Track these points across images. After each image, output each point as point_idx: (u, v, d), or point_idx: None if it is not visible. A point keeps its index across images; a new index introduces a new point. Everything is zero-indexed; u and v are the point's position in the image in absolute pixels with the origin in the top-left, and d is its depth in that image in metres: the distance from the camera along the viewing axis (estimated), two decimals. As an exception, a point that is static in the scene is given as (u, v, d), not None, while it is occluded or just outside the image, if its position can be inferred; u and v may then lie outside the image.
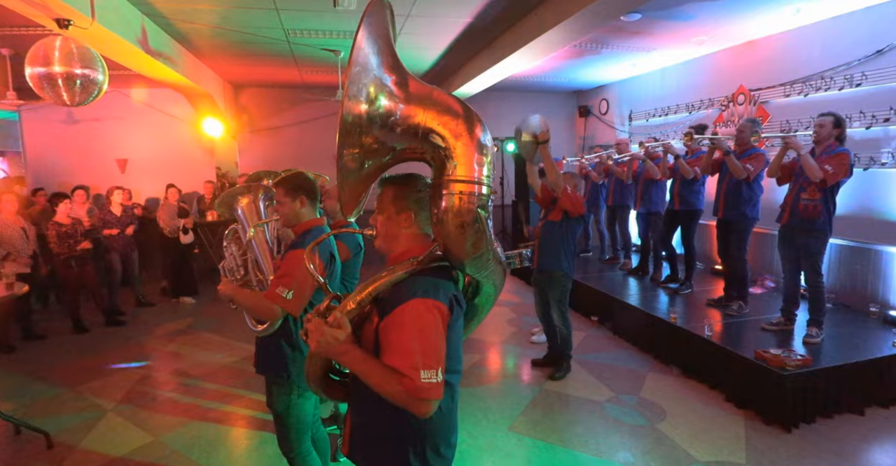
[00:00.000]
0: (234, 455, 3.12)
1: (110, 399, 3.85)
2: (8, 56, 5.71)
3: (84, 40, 3.91)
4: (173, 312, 6.19)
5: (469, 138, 1.23)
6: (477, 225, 1.23)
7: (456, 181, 1.21)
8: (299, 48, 6.17)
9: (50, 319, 5.79)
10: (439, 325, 1.24)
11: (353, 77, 1.11)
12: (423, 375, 1.17)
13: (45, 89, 3.77)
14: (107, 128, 8.15)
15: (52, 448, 3.17)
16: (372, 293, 1.27)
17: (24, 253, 4.89)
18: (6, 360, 4.66)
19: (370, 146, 1.18)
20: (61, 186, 7.31)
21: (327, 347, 1.23)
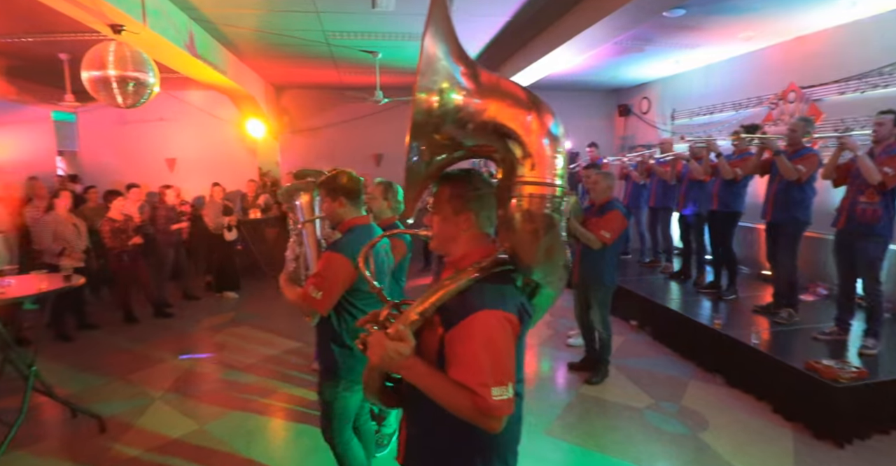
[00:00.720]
0: (272, 445, 3.21)
1: (158, 387, 4.02)
2: (66, 60, 6.02)
3: (136, 45, 4.09)
4: (217, 306, 6.41)
5: (541, 133, 1.13)
6: (551, 231, 1.16)
7: (527, 183, 1.13)
8: (338, 50, 6.27)
9: (103, 310, 6.08)
10: (510, 338, 1.17)
11: (424, 69, 1.04)
12: (494, 392, 1.10)
13: (100, 91, 3.96)
14: (156, 128, 8.50)
15: (105, 431, 3.33)
16: (436, 303, 1.18)
17: (77, 248, 5.14)
18: (63, 348, 4.92)
19: (440, 142, 1.12)
20: (113, 184, 7.65)
21: (390, 362, 1.16)
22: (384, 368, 1.21)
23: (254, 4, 4.67)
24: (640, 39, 5.95)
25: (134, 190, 6.09)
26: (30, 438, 3.24)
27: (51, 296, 3.48)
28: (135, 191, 6.09)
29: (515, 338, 1.19)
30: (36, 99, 7.60)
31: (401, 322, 1.18)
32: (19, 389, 3.24)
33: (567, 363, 4.33)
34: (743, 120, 6.18)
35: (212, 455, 3.05)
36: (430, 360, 1.19)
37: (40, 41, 5.43)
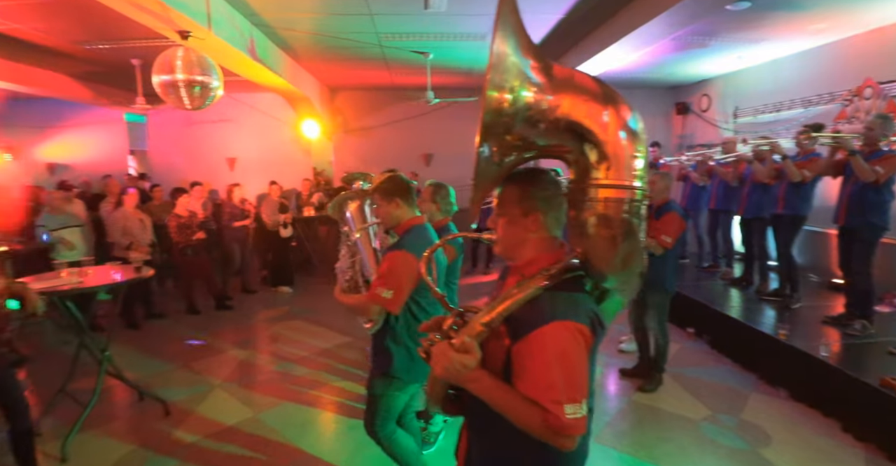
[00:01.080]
0: (322, 437, 3.30)
1: (218, 375, 4.22)
2: (138, 65, 6.40)
3: (202, 50, 4.29)
4: (272, 300, 6.66)
5: (619, 130, 1.05)
6: (630, 237, 1.08)
7: (603, 186, 1.05)
8: (390, 51, 6.36)
9: (168, 301, 6.44)
10: (583, 351, 1.09)
11: (493, 66, 0.98)
12: (567, 410, 1.04)
13: (169, 95, 4.18)
14: (218, 129, 8.91)
15: (169, 415, 3.53)
16: (503, 313, 1.11)
17: (143, 242, 5.47)
18: (132, 335, 5.25)
19: (511, 143, 1.06)
20: (178, 182, 8.08)
21: (455, 374, 1.11)
22: (449, 380, 1.15)
23: (311, 9, 4.81)
24: (701, 34, 5.71)
25: (197, 187, 6.42)
26: (101, 418, 3.48)
27: (123, 287, 3.72)
28: (198, 188, 6.42)
29: (588, 351, 1.11)
30: (110, 101, 8.13)
31: (466, 332, 1.12)
32: (93, 372, 3.48)
33: (619, 369, 4.21)
34: (813, 118, 5.82)
35: (265, 443, 3.17)
36: (495, 372, 1.14)
37: (115, 48, 5.80)
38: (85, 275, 3.46)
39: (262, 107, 8.90)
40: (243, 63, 5.35)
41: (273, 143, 9.04)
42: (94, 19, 4.75)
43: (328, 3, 4.67)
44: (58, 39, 5.43)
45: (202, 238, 5.85)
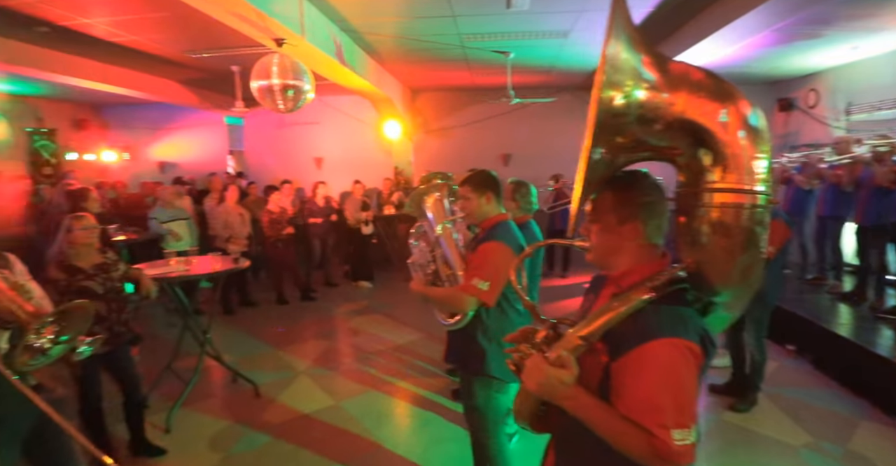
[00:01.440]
0: (399, 429, 3.40)
1: (302, 362, 4.47)
2: (237, 71, 6.90)
3: (295, 56, 4.55)
4: (353, 294, 6.94)
5: (740, 129, 0.96)
6: (751, 249, 0.98)
7: (720, 190, 0.96)
8: (472, 51, 6.40)
9: (259, 291, 6.90)
10: (693, 372, 1.00)
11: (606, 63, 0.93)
12: (675, 436, 0.95)
13: (265, 98, 4.48)
14: (307, 131, 9.41)
15: (259, 397, 3.79)
16: (603, 327, 1.04)
17: (241, 235, 5.90)
18: (227, 320, 5.68)
19: (622, 144, 0.99)
20: (271, 180, 8.60)
21: (550, 389, 1.04)
22: (543, 396, 1.08)
23: (395, 13, 4.95)
24: (810, 24, 5.21)
25: (286, 185, 6.83)
26: (200, 395, 3.81)
27: (222, 276, 4.03)
28: (287, 186, 6.83)
29: (698, 372, 1.02)
30: (213, 105, 8.83)
31: (562, 346, 1.05)
32: (194, 353, 3.81)
33: (708, 384, 3.93)
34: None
35: (344, 431, 3.31)
36: (590, 390, 1.06)
37: (217, 56, 6.29)
38: (190, 264, 3.80)
39: (346, 109, 9.28)
40: (332, 67, 5.60)
41: (357, 144, 9.40)
42: (201, 30, 5.17)
43: (412, 7, 4.78)
44: (169, 49, 5.98)
45: (291, 232, 6.22)
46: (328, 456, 3.03)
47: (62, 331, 1.67)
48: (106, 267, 2.82)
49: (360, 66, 6.24)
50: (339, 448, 3.12)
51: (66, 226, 2.73)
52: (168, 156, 9.91)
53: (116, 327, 2.82)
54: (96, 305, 2.69)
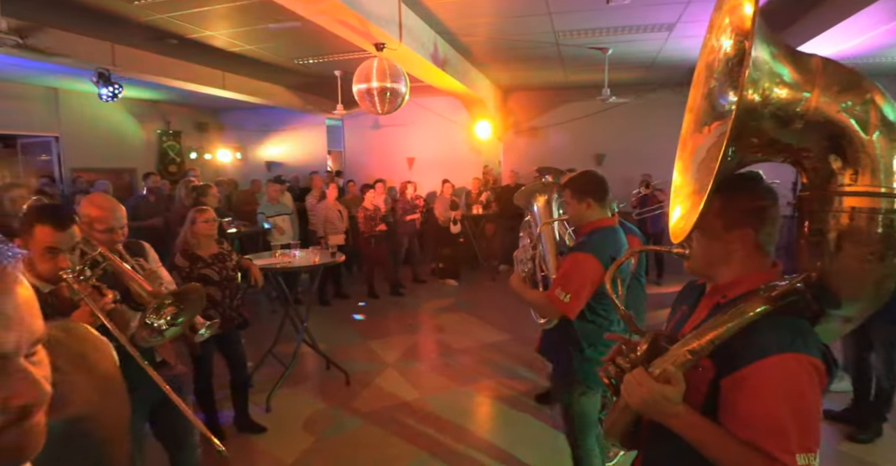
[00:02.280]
0: (482, 427, 3.42)
1: (391, 355, 4.63)
2: (339, 76, 7.27)
3: (393, 59, 4.71)
4: (439, 291, 7.08)
5: (878, 126, 0.87)
6: (890, 257, 0.89)
7: (854, 194, 0.88)
8: (567, 49, 6.25)
9: (352, 284, 7.24)
10: (817, 391, 0.93)
11: (755, 60, 0.87)
12: (799, 461, 0.89)
13: (365, 101, 4.68)
14: (400, 131, 9.71)
15: (349, 385, 3.98)
16: (714, 340, 0.96)
17: (339, 230, 6.23)
18: (323, 310, 6.02)
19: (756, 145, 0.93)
20: (366, 179, 9.02)
21: (654, 406, 0.97)
22: (645, 413, 1.02)
23: (491, 12, 4.96)
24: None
25: (379, 184, 7.10)
26: (297, 379, 4.07)
27: (320, 268, 4.28)
28: (379, 185, 7.10)
29: (822, 391, 0.95)
30: (315, 108, 9.39)
31: (668, 361, 0.98)
32: (293, 339, 4.08)
33: (823, 410, 3.53)
34: None
35: (429, 424, 3.39)
36: (695, 405, 0.99)
37: (321, 62, 6.67)
38: (292, 257, 4.07)
39: (438, 110, 9.45)
40: (427, 69, 5.74)
41: (447, 144, 9.56)
42: (306, 38, 5.52)
43: (508, 6, 4.77)
44: (278, 57, 6.44)
45: (383, 229, 6.47)
46: (413, 447, 3.12)
47: (179, 314, 1.84)
48: (222, 256, 3.10)
49: (454, 67, 6.33)
50: (423, 440, 3.20)
51: (190, 218, 3.04)
52: (274, 156, 10.69)
53: (229, 312, 3.09)
54: (212, 291, 2.98)
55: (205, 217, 3.02)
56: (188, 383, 2.40)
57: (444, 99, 8.81)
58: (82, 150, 7.86)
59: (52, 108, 7.59)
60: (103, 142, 8.25)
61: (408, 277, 7.43)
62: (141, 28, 4.97)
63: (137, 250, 2.16)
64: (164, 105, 9.49)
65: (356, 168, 10.03)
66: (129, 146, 8.86)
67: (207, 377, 3.12)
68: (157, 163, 9.34)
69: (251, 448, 3.18)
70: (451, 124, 9.44)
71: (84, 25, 4.88)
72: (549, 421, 3.41)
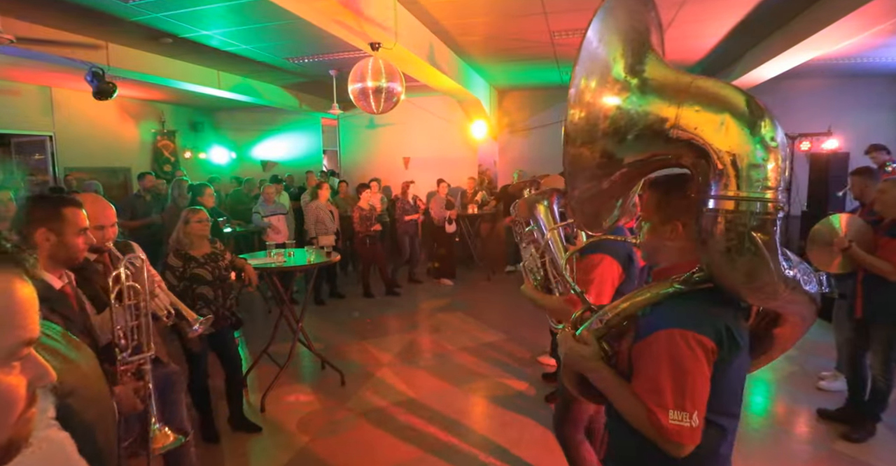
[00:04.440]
0: (478, 428, 3.41)
1: (386, 355, 4.63)
2: (334, 75, 7.26)
3: (389, 59, 4.71)
4: (435, 291, 7.08)
5: (744, 139, 0.97)
6: (750, 252, 0.99)
7: (720, 197, 0.99)
8: (562, 49, 6.27)
9: (347, 284, 7.24)
10: (701, 363, 1.08)
11: (575, 77, 0.99)
12: (671, 415, 1.06)
13: (360, 100, 4.68)
14: (395, 131, 9.70)
15: (344, 385, 3.98)
16: (621, 314, 1.18)
17: (330, 231, 6.21)
18: (318, 310, 6.01)
19: (599, 161, 1.04)
20: (361, 179, 9.01)
21: (573, 361, 1.21)
22: (569, 365, 1.24)
23: (486, 12, 4.96)
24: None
25: (374, 183, 7.10)
26: (292, 378, 4.07)
27: (315, 268, 4.27)
28: (374, 184, 7.10)
29: (710, 365, 1.09)
30: (310, 107, 9.37)
31: (587, 326, 1.21)
32: (288, 339, 4.07)
33: (816, 409, 3.56)
34: None
35: (424, 425, 3.39)
36: (622, 368, 1.19)
37: (316, 61, 6.66)
38: (288, 256, 4.06)
39: (434, 110, 9.45)
40: (422, 69, 5.73)
41: (442, 144, 9.56)
42: (303, 37, 5.51)
43: (504, 5, 4.78)
44: (273, 56, 6.42)
45: (378, 229, 6.46)
46: (407, 448, 3.12)
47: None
48: (215, 256, 3.10)
49: (450, 67, 6.33)
50: (418, 440, 3.20)
51: (183, 218, 3.04)
52: (269, 156, 10.66)
53: (222, 311, 3.08)
54: (204, 290, 2.98)
55: (197, 217, 3.02)
56: (181, 381, 2.40)
57: (440, 98, 8.81)
58: (76, 150, 7.81)
59: (45, 107, 7.54)
60: (97, 141, 8.21)
61: (403, 277, 7.43)
62: (135, 27, 4.95)
63: (127, 250, 2.17)
64: (158, 104, 9.46)
65: (352, 167, 10.01)
66: (123, 145, 8.82)
67: (203, 376, 3.11)
68: (151, 162, 9.30)
69: (246, 447, 3.17)
70: (447, 123, 9.44)
71: (78, 24, 4.86)
72: (546, 420, 3.42)
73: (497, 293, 6.88)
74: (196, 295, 2.98)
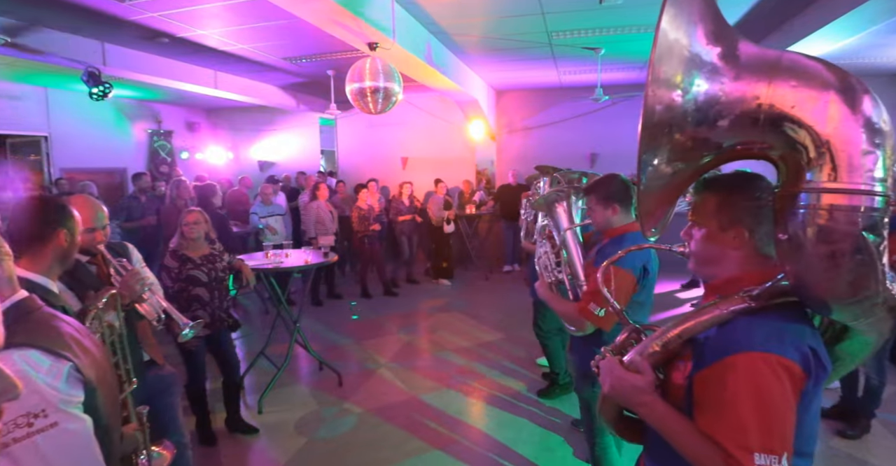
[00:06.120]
0: (477, 427, 3.39)
1: (384, 355, 4.61)
2: (332, 75, 7.24)
3: (387, 59, 4.69)
4: (433, 291, 7.06)
5: (850, 122, 0.82)
6: (860, 255, 0.84)
7: (825, 191, 0.84)
8: (560, 49, 6.26)
9: (345, 284, 7.21)
10: (787, 392, 0.91)
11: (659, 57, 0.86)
12: (757, 460, 0.87)
13: (358, 101, 4.66)
14: (393, 131, 9.69)
15: (342, 386, 3.96)
16: (682, 334, 1.00)
17: (330, 231, 6.19)
18: (315, 311, 6.00)
19: (683, 145, 0.90)
20: (360, 179, 8.98)
21: (622, 393, 1.03)
22: (617, 400, 1.07)
23: (484, 12, 4.95)
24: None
25: (371, 183, 7.08)
26: (289, 380, 4.05)
27: (313, 268, 4.26)
28: (372, 184, 7.08)
29: (797, 394, 0.92)
30: (308, 108, 9.35)
31: (638, 351, 1.04)
32: (285, 340, 4.05)
33: (813, 407, 3.56)
34: None
35: (422, 426, 3.38)
36: (676, 401, 1.01)
37: (314, 61, 6.64)
38: (285, 257, 4.04)
39: (432, 110, 9.44)
40: (420, 69, 5.72)
41: (441, 144, 9.54)
42: (301, 37, 5.49)
43: (501, 5, 4.77)
44: (271, 56, 6.40)
45: (377, 229, 6.45)
46: (406, 449, 3.11)
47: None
48: (213, 257, 3.08)
49: (447, 67, 6.31)
50: (417, 440, 3.19)
51: (182, 219, 3.02)
52: (266, 156, 10.63)
53: (218, 312, 3.06)
54: (200, 292, 2.96)
55: (187, 219, 3.00)
56: (177, 383, 2.38)
57: (438, 98, 8.81)
58: (72, 150, 7.78)
59: (41, 107, 7.51)
60: (93, 141, 8.17)
61: (401, 277, 7.41)
62: (132, 26, 4.92)
63: (121, 251, 2.16)
64: (155, 104, 9.42)
65: (350, 167, 9.99)
66: (119, 146, 8.78)
67: (199, 378, 3.09)
68: (147, 162, 9.26)
69: (243, 449, 3.15)
70: (445, 124, 9.43)
71: (74, 24, 4.84)
72: (543, 420, 3.41)
73: (495, 293, 6.87)
74: (191, 297, 2.96)
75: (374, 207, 6.61)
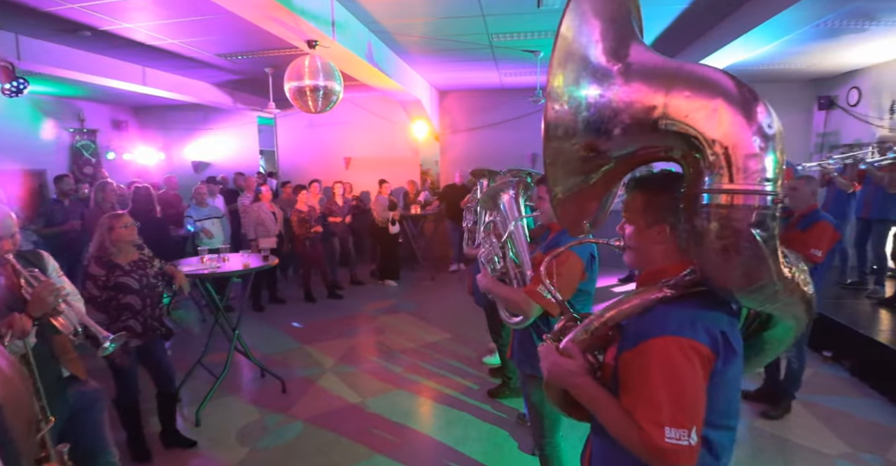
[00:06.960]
0: (425, 428, 3.40)
1: (329, 359, 4.53)
2: (270, 73, 7.04)
3: (326, 57, 4.61)
4: (379, 292, 6.99)
5: (739, 128, 0.88)
6: (750, 249, 0.91)
7: (720, 191, 0.90)
8: (500, 51, 6.37)
9: (287, 288, 7.02)
10: (697, 372, 0.99)
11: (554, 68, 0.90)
12: (668, 434, 0.95)
13: (297, 99, 4.55)
14: (336, 131, 9.53)
15: (286, 392, 3.85)
16: (609, 322, 1.09)
17: (272, 233, 6.01)
18: (257, 317, 5.80)
19: (583, 155, 0.95)
20: (302, 180, 8.76)
21: (558, 377, 1.11)
22: (553, 382, 1.15)
23: (425, 13, 4.96)
24: (852, 19, 5.02)
25: (314, 184, 6.93)
26: (229, 389, 3.90)
27: (252, 272, 4.12)
28: (314, 185, 6.93)
29: (707, 373, 1.00)
30: (246, 106, 9.03)
31: (570, 337, 1.12)
32: (224, 348, 3.90)
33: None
34: None
35: (370, 429, 3.34)
36: (606, 381, 1.10)
37: (251, 58, 6.42)
38: (222, 261, 3.89)
39: (375, 110, 9.36)
40: (362, 68, 5.66)
41: (384, 144, 9.48)
42: (236, 33, 5.30)
43: (442, 7, 4.79)
44: (204, 52, 6.14)
45: (319, 231, 6.31)
46: (353, 453, 3.07)
47: None
48: (143, 263, 2.91)
49: (390, 66, 6.28)
50: (364, 445, 3.15)
51: (106, 224, 2.83)
52: (201, 157, 10.18)
53: (150, 321, 2.90)
54: (131, 300, 2.80)
55: (122, 222, 2.82)
56: (102, 399, 2.23)
57: (381, 98, 8.75)
58: (-18, 150, 7.15)
59: (-56, 104, 6.85)
60: (8, 141, 7.53)
61: (345, 279, 7.30)
62: (50, 18, 4.58)
63: (34, 260, 2.00)
64: (77, 101, 8.81)
65: (291, 168, 9.73)
66: (37, 146, 8.15)
67: (131, 391, 2.91)
68: (70, 163, 8.65)
69: (180, 464, 3.01)
70: (389, 124, 9.38)
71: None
72: (490, 416, 3.46)
73: (441, 293, 6.90)
74: (121, 306, 2.79)
75: (316, 209, 6.46)
